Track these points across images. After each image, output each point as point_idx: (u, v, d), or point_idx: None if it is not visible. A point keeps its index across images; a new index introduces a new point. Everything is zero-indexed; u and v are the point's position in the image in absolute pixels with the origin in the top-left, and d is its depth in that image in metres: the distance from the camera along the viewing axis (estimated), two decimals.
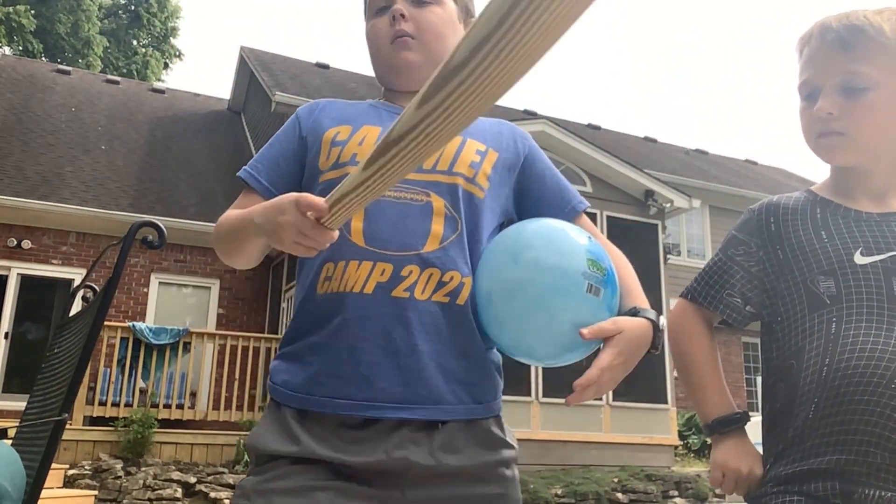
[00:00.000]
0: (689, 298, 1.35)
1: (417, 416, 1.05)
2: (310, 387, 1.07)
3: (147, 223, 2.00)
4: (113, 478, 6.22)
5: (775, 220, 1.28)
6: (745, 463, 1.23)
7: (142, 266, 9.80)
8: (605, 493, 7.40)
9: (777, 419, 1.21)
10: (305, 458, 1.04)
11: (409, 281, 1.07)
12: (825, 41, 1.21)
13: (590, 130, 15.41)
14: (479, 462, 1.08)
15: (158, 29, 25.50)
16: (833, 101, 1.20)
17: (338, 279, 1.09)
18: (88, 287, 2.34)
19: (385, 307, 1.06)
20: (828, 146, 1.23)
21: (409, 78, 1.23)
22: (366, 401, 1.04)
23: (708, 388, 1.31)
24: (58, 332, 2.36)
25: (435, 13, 1.22)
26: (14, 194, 9.26)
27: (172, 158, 12.01)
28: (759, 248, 1.29)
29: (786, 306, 1.24)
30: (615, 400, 8.98)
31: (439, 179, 1.14)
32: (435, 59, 1.21)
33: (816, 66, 1.23)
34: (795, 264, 1.23)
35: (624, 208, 9.77)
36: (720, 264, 1.33)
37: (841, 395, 1.11)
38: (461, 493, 1.06)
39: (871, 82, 1.18)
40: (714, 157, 17.63)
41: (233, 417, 7.81)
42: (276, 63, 12.96)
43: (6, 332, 9.13)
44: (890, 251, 1.18)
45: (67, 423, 1.89)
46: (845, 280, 1.18)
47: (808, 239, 1.23)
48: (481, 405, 1.11)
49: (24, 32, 19.89)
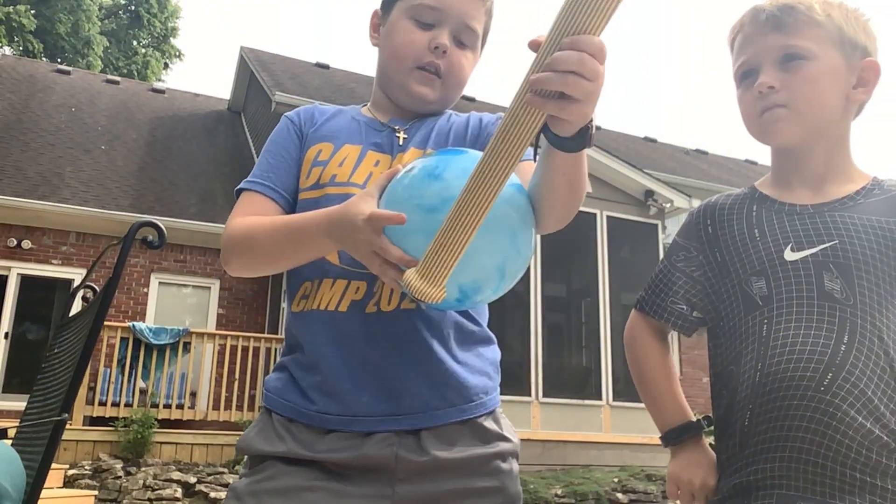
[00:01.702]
0: (637, 308, 1.34)
1: (404, 426, 1.05)
2: (300, 400, 1.08)
3: (147, 223, 2.00)
4: (113, 478, 6.21)
5: (712, 221, 1.26)
6: (698, 474, 1.21)
7: (142, 266, 9.80)
8: (605, 493, 7.39)
9: (722, 427, 1.18)
10: (295, 459, 1.04)
11: (377, 296, 1.07)
12: (758, 22, 1.21)
13: None
14: (472, 455, 1.07)
15: (158, 29, 25.50)
16: (773, 75, 1.18)
17: (313, 297, 1.10)
18: (88, 287, 2.34)
19: (360, 324, 1.06)
20: (772, 120, 1.19)
21: (413, 106, 1.21)
22: (353, 416, 1.05)
23: (660, 399, 1.29)
24: (58, 332, 2.36)
25: (468, 60, 1.20)
26: (14, 194, 9.25)
27: (172, 158, 12.01)
28: (699, 251, 1.26)
29: (725, 310, 1.21)
30: (615, 400, 8.98)
31: None
32: (448, 100, 1.21)
33: (752, 47, 1.22)
34: (731, 266, 1.21)
35: (624, 208, 9.77)
36: (664, 272, 1.31)
37: (772, 401, 1.09)
38: (454, 487, 1.05)
39: (810, 54, 1.17)
40: (714, 157, 17.62)
41: (233, 417, 7.81)
42: (276, 63, 12.95)
43: (6, 332, 9.12)
44: (821, 244, 1.14)
45: (67, 423, 1.89)
46: (776, 279, 1.14)
47: (742, 238, 1.21)
48: (473, 403, 1.09)
49: (24, 32, 19.89)
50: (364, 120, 1.23)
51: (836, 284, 1.11)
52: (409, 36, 1.17)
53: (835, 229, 1.15)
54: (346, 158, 1.16)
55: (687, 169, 14.95)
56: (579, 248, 9.28)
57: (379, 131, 1.19)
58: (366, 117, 1.24)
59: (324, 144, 1.18)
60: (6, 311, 9.14)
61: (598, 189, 9.70)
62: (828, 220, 1.16)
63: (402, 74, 1.19)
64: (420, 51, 1.16)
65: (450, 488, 1.05)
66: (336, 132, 1.20)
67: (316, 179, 1.15)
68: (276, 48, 27.72)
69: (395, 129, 1.20)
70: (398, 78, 1.20)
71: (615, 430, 8.83)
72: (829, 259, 1.13)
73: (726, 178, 15.29)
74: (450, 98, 1.21)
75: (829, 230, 1.15)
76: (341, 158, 1.16)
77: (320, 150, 1.18)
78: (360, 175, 1.14)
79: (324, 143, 1.19)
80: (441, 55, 1.16)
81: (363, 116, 1.24)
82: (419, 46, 1.16)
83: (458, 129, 1.21)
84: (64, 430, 1.86)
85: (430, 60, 1.16)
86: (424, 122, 1.22)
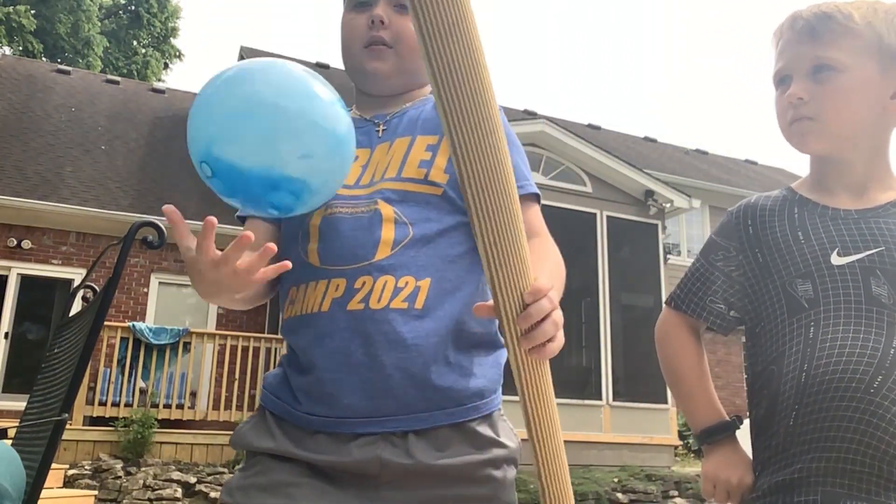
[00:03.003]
0: (672, 306, 1.33)
1: (388, 428, 1.03)
2: (290, 400, 1.09)
3: (147, 223, 2.00)
4: (113, 478, 6.21)
5: (753, 222, 1.26)
6: (735, 473, 1.22)
7: (142, 266, 9.79)
8: (605, 493, 7.39)
9: (762, 426, 1.19)
10: (284, 456, 1.05)
11: (363, 292, 1.04)
12: (795, 30, 1.21)
13: (590, 130, 15.41)
14: (462, 462, 1.03)
15: (158, 29, 25.49)
16: (803, 86, 1.19)
17: (300, 301, 1.09)
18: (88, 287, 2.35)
19: (341, 322, 1.04)
20: (799, 132, 1.21)
21: (378, 85, 1.20)
22: (337, 417, 1.04)
23: (695, 397, 1.29)
24: (58, 332, 2.36)
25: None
26: (14, 194, 9.25)
27: (172, 158, 12.00)
28: (739, 251, 1.26)
29: (767, 311, 1.21)
30: (615, 400, 8.98)
31: (387, 187, 1.11)
32: (407, 69, 1.19)
33: (787, 55, 1.22)
34: (774, 267, 1.21)
35: (624, 208, 9.77)
36: (701, 270, 1.30)
37: (819, 402, 1.09)
38: (442, 494, 1.02)
39: (841, 66, 1.16)
40: (714, 157, 17.63)
41: (233, 417, 7.81)
42: None
43: (6, 332, 9.12)
44: (867, 250, 1.15)
45: (67, 423, 1.89)
46: (822, 282, 1.15)
47: (786, 240, 1.21)
48: (464, 407, 1.06)
49: (24, 32, 19.88)
50: (355, 122, 1.21)
51: (883, 290, 1.12)
52: (350, 24, 1.20)
53: (880, 235, 1.16)
54: None
55: (687, 169, 14.96)
56: (579, 248, 9.28)
57: (360, 127, 1.18)
58: (356, 119, 1.22)
59: None
60: (6, 311, 9.14)
61: (598, 189, 9.70)
62: (872, 226, 1.17)
63: (355, 60, 1.20)
64: (362, 32, 1.18)
65: (437, 494, 1.02)
66: None
67: None
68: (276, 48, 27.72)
69: (375, 124, 1.20)
70: (353, 64, 1.21)
71: (615, 430, 8.83)
72: (876, 265, 1.14)
73: (726, 178, 15.30)
74: (410, 67, 1.19)
75: (875, 236, 1.16)
76: None
77: None
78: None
79: None
80: (380, 26, 1.16)
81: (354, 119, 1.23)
82: (360, 28, 1.18)
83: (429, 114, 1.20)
84: (64, 430, 1.86)
85: (371, 35, 1.17)
86: (405, 113, 1.21)
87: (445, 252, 1.09)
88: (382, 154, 1.16)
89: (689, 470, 9.19)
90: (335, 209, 1.10)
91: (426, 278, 1.06)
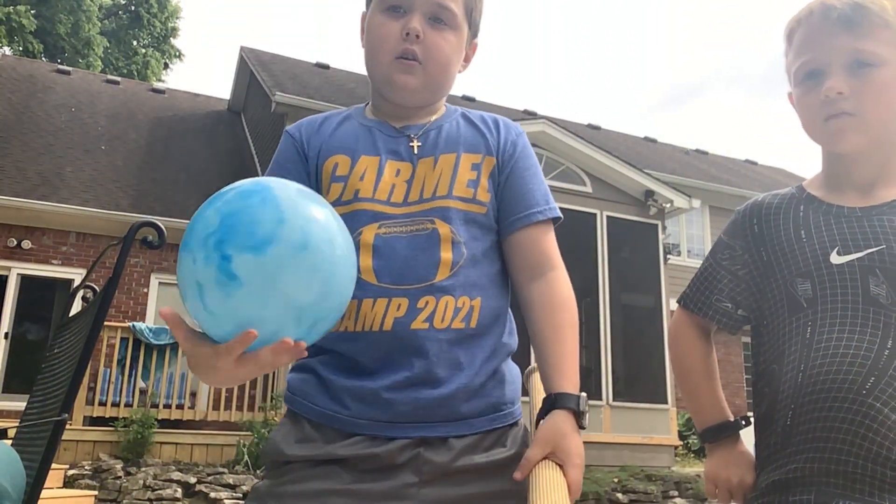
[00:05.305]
0: (682, 306, 1.34)
1: (438, 433, 1.06)
2: (331, 404, 1.08)
3: (147, 223, 2.00)
4: (113, 478, 6.21)
5: (758, 220, 1.26)
6: (736, 472, 1.22)
7: (142, 266, 9.79)
8: (605, 493, 7.40)
9: (763, 424, 1.20)
10: (321, 461, 1.04)
11: (426, 312, 1.07)
12: (829, 19, 1.15)
13: (590, 130, 15.42)
14: (496, 459, 1.08)
15: (158, 29, 25.51)
16: (843, 80, 1.13)
17: (352, 318, 1.08)
18: (88, 287, 2.35)
19: (404, 341, 1.06)
20: (838, 129, 1.15)
21: (403, 98, 1.18)
22: (387, 422, 1.05)
23: (700, 396, 1.31)
24: (58, 332, 2.36)
25: (447, 40, 1.16)
26: (14, 194, 9.26)
27: (172, 158, 12.01)
28: (744, 250, 1.26)
29: (770, 309, 1.22)
30: (615, 400, 8.98)
31: (441, 205, 1.12)
32: (434, 85, 1.18)
33: (820, 46, 1.16)
34: (777, 266, 1.21)
35: (624, 208, 9.78)
36: (708, 270, 1.31)
37: (814, 403, 1.10)
38: (478, 491, 1.05)
39: (879, 59, 1.13)
40: (714, 157, 17.63)
41: (233, 417, 7.80)
42: (276, 63, 12.95)
43: (6, 332, 9.13)
44: (868, 248, 1.13)
45: (67, 423, 1.89)
46: (821, 282, 1.14)
47: (788, 239, 1.20)
48: (502, 413, 1.11)
49: (24, 32, 19.88)
50: (371, 125, 1.21)
51: (881, 290, 1.11)
52: (382, 29, 1.16)
53: (882, 233, 1.14)
54: (365, 171, 1.14)
55: (687, 169, 14.95)
56: (579, 248, 9.28)
57: (393, 137, 1.18)
58: (372, 121, 1.21)
59: (339, 157, 1.16)
60: (6, 311, 9.14)
61: (598, 189, 9.71)
62: (875, 223, 1.15)
63: (383, 69, 1.17)
64: (394, 41, 1.14)
65: (473, 492, 1.05)
66: (349, 142, 1.18)
67: (338, 195, 1.13)
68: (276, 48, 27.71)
69: (409, 137, 1.18)
70: (381, 74, 1.18)
71: (615, 430, 8.83)
72: (876, 264, 1.12)
73: (726, 178, 15.30)
74: (436, 83, 1.18)
75: (877, 234, 1.14)
76: (361, 172, 1.14)
77: (337, 164, 1.16)
78: (383, 190, 1.12)
79: (339, 156, 1.16)
80: (415, 40, 1.13)
81: (369, 120, 1.22)
82: (393, 37, 1.14)
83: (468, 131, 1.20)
84: (64, 430, 1.86)
85: (405, 48, 1.14)
86: (440, 127, 1.19)
87: (488, 270, 1.14)
88: (428, 170, 1.15)
89: (689, 470, 9.19)
90: (389, 228, 1.10)
91: (478, 297, 1.11)
